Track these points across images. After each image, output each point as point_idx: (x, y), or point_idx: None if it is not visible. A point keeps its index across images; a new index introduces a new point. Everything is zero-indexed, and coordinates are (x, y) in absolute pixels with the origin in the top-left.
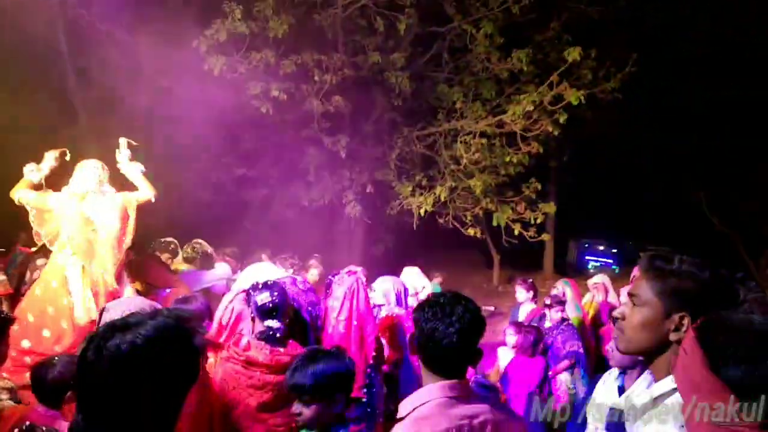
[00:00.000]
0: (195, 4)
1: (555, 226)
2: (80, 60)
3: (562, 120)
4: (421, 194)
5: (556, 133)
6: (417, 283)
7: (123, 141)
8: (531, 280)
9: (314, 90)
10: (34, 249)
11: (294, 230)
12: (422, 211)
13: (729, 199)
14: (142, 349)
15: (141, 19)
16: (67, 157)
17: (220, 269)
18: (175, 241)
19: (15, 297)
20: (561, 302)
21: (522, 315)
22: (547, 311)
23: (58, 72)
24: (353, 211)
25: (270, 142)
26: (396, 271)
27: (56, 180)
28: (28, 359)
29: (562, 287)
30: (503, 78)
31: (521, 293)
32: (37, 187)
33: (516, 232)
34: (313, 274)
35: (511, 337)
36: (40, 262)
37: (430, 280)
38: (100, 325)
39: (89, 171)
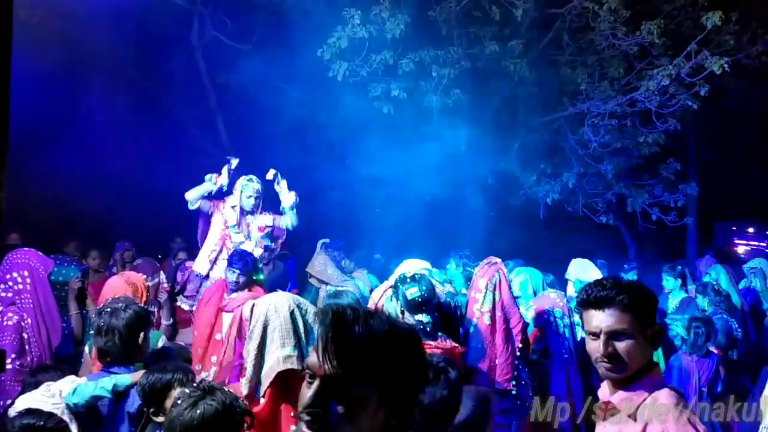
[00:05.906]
0: (316, 16)
1: (697, 208)
2: (218, 77)
3: (703, 92)
4: (547, 182)
5: (695, 107)
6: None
7: (272, 172)
8: (680, 266)
9: (433, 86)
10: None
11: (418, 226)
12: (549, 200)
13: None
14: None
15: (267, 36)
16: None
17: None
18: None
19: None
20: (715, 290)
21: (671, 305)
22: (700, 300)
23: (197, 91)
24: (475, 203)
25: (391, 140)
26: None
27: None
28: None
29: (716, 273)
30: (632, 54)
31: (669, 281)
32: (210, 197)
33: (654, 218)
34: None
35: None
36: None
37: None
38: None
39: (250, 188)
